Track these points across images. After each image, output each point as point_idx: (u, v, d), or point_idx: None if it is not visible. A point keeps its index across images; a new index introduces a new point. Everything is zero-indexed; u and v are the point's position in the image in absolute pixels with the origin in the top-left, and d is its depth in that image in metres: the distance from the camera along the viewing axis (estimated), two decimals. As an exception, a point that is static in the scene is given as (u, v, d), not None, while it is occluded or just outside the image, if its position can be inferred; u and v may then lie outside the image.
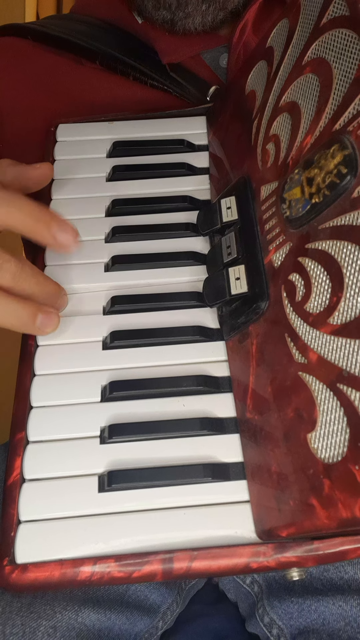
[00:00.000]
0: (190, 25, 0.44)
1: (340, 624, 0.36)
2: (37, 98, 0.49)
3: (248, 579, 0.41)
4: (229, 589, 0.43)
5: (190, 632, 0.41)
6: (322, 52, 0.31)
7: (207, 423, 0.32)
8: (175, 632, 0.41)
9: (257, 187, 0.35)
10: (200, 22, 0.44)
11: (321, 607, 0.37)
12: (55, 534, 0.29)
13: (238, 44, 0.46)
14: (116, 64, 0.48)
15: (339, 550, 0.27)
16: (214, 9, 0.43)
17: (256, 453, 0.30)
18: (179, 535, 0.29)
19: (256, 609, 0.40)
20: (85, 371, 0.34)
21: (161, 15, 0.44)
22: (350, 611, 0.37)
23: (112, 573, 0.28)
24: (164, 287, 0.37)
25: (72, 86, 0.49)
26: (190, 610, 0.42)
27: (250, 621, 0.41)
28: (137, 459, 0.31)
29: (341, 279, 0.26)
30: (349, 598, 0.37)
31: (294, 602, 0.38)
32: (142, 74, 0.47)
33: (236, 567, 0.28)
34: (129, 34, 0.49)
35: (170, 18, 0.44)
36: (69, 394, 0.33)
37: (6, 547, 0.29)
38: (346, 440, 0.24)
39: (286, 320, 0.29)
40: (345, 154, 0.27)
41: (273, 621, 0.38)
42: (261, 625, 0.39)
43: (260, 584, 0.41)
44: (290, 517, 0.26)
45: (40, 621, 0.33)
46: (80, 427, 0.32)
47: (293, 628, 0.37)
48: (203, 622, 0.42)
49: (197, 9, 0.43)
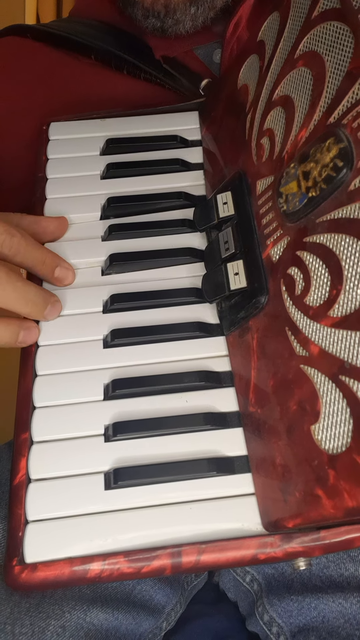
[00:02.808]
0: (181, 29, 0.44)
1: (339, 622, 0.37)
2: (35, 96, 0.49)
3: (247, 577, 0.41)
4: (229, 588, 0.44)
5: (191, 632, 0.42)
6: (314, 45, 0.31)
7: (210, 418, 0.32)
8: (176, 632, 0.41)
9: (252, 181, 0.35)
10: (191, 25, 0.44)
11: (321, 604, 0.37)
12: (63, 533, 0.29)
13: (231, 39, 0.46)
14: (111, 59, 0.48)
15: (345, 539, 0.27)
16: (203, 10, 0.44)
17: (260, 446, 0.30)
18: (186, 530, 0.29)
19: (256, 607, 0.40)
20: (86, 370, 0.34)
21: (151, 23, 0.44)
22: (350, 608, 0.37)
23: (121, 569, 0.28)
24: (162, 283, 0.37)
25: (70, 83, 0.50)
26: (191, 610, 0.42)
27: (250, 620, 0.41)
28: (141, 455, 0.31)
29: (340, 272, 0.26)
30: (348, 595, 0.37)
31: (293, 600, 0.38)
32: (135, 67, 0.47)
33: (244, 558, 0.29)
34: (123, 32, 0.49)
35: (160, 25, 0.44)
36: (71, 393, 0.33)
37: (15, 547, 0.29)
38: (350, 431, 0.25)
39: (286, 313, 0.29)
40: (341, 147, 0.27)
41: (273, 619, 0.38)
42: (261, 624, 0.39)
43: (260, 582, 0.41)
44: (296, 508, 0.27)
45: (49, 621, 0.34)
46: (84, 425, 0.32)
47: (293, 626, 0.38)
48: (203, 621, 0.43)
49: (186, 13, 0.43)
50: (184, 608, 0.42)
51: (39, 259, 0.35)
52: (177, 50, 0.47)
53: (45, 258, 0.35)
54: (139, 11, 0.44)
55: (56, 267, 0.36)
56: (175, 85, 0.47)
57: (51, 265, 0.35)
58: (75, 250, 0.38)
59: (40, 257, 0.35)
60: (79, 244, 0.39)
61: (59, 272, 0.36)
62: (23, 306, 0.33)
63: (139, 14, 0.44)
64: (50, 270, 0.35)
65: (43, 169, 0.42)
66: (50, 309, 0.35)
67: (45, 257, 0.35)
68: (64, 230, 0.39)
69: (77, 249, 0.38)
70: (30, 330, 0.34)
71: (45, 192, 0.41)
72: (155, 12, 0.43)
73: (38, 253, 0.34)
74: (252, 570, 0.42)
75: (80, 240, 0.39)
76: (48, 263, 0.35)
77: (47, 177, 0.42)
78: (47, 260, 0.35)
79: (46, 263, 0.35)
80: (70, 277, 0.37)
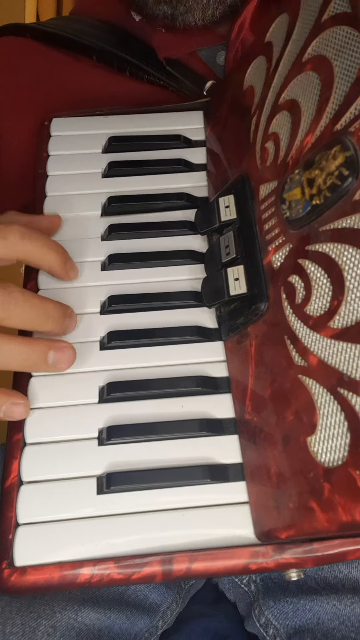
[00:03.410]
0: (190, 20, 0.44)
1: (334, 623, 0.37)
2: (35, 95, 0.49)
3: (245, 579, 0.42)
4: (228, 588, 0.44)
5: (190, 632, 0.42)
6: (322, 49, 0.31)
7: (205, 424, 0.32)
8: (175, 632, 0.41)
9: (255, 185, 0.34)
10: (201, 16, 0.44)
11: (315, 606, 0.37)
12: (54, 537, 0.29)
13: (236, 41, 0.45)
14: (112, 60, 0.48)
15: (338, 552, 0.27)
16: (214, 2, 0.43)
17: (255, 454, 0.30)
18: (179, 537, 0.29)
19: (253, 608, 0.40)
20: (82, 372, 0.34)
21: (162, 10, 0.44)
22: (344, 610, 0.37)
23: (111, 575, 0.28)
24: (161, 286, 0.37)
25: (70, 83, 0.49)
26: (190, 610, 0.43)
27: (248, 621, 0.41)
28: (135, 460, 0.31)
29: (342, 283, 0.26)
30: (342, 597, 0.37)
31: (289, 602, 0.38)
32: (138, 68, 0.47)
33: (235, 568, 0.28)
34: (125, 32, 0.49)
35: (171, 12, 0.44)
36: (66, 395, 0.33)
37: (5, 550, 0.29)
38: (347, 445, 0.24)
39: (286, 322, 0.29)
40: (347, 155, 0.27)
41: (269, 621, 0.38)
42: (258, 625, 0.39)
43: (257, 584, 0.41)
44: (289, 519, 0.27)
45: (40, 620, 0.34)
46: (78, 428, 0.32)
47: (288, 628, 0.38)
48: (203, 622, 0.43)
49: (198, 2, 0.43)
50: (182, 607, 0.42)
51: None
52: (181, 51, 0.47)
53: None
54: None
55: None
56: (179, 87, 0.46)
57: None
58: (74, 249, 0.38)
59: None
60: (78, 243, 0.38)
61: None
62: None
63: (150, 0, 0.44)
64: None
65: (44, 165, 0.42)
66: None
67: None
68: (56, 227, 0.38)
69: (76, 248, 0.38)
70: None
71: (45, 189, 0.41)
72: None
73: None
74: None
75: (79, 239, 0.39)
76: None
77: (48, 174, 0.41)
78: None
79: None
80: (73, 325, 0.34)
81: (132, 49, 0.48)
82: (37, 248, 0.32)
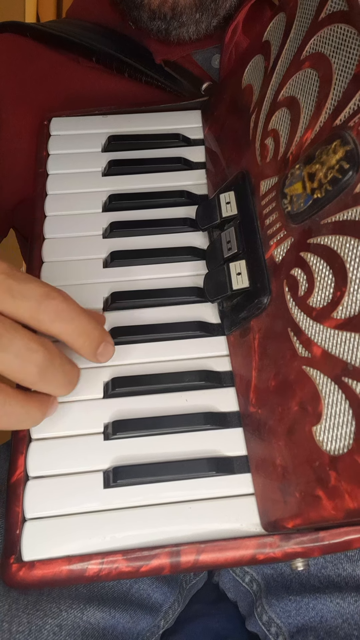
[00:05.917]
0: (184, 35, 0.45)
1: (337, 621, 0.37)
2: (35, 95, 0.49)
3: (247, 578, 0.42)
4: (228, 588, 0.44)
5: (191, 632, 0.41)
6: (320, 47, 0.32)
7: (210, 417, 0.32)
8: (176, 632, 0.41)
9: (256, 182, 0.35)
10: (195, 30, 0.45)
11: (319, 604, 0.37)
12: (62, 531, 0.29)
13: (230, 44, 0.46)
14: (112, 62, 0.48)
15: (344, 540, 0.27)
16: (207, 16, 0.44)
17: (260, 446, 0.30)
18: (186, 529, 0.29)
19: (255, 607, 0.40)
20: (86, 368, 0.34)
21: (156, 25, 0.45)
22: (348, 608, 0.37)
23: (120, 568, 0.28)
24: (163, 282, 0.37)
25: (69, 84, 0.49)
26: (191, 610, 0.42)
27: (249, 620, 0.41)
28: (141, 454, 0.31)
29: (345, 274, 0.26)
30: (346, 595, 0.37)
31: (291, 600, 0.38)
32: (136, 70, 0.47)
33: (243, 558, 0.29)
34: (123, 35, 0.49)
35: (165, 28, 0.45)
36: None
37: (12, 545, 0.29)
38: (352, 433, 0.25)
39: (289, 314, 0.29)
40: (347, 149, 0.27)
41: (271, 620, 0.38)
42: (260, 624, 0.39)
43: (259, 583, 0.41)
44: (296, 509, 0.27)
45: (46, 619, 0.33)
46: (83, 423, 0.32)
47: (291, 626, 0.38)
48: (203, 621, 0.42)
49: (191, 17, 0.44)
50: (183, 607, 0.42)
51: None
52: (177, 55, 0.48)
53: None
54: (145, 13, 0.44)
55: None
56: (177, 88, 0.47)
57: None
58: (75, 247, 0.38)
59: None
60: (80, 241, 0.39)
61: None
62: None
63: (144, 16, 0.45)
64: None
65: (44, 164, 0.42)
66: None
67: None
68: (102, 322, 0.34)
69: (78, 245, 0.38)
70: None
71: (46, 188, 0.41)
72: (162, 14, 0.43)
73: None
74: (251, 570, 0.42)
75: (81, 237, 0.39)
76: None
77: (48, 172, 0.42)
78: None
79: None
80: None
81: (131, 52, 0.48)
82: (67, 334, 0.28)
